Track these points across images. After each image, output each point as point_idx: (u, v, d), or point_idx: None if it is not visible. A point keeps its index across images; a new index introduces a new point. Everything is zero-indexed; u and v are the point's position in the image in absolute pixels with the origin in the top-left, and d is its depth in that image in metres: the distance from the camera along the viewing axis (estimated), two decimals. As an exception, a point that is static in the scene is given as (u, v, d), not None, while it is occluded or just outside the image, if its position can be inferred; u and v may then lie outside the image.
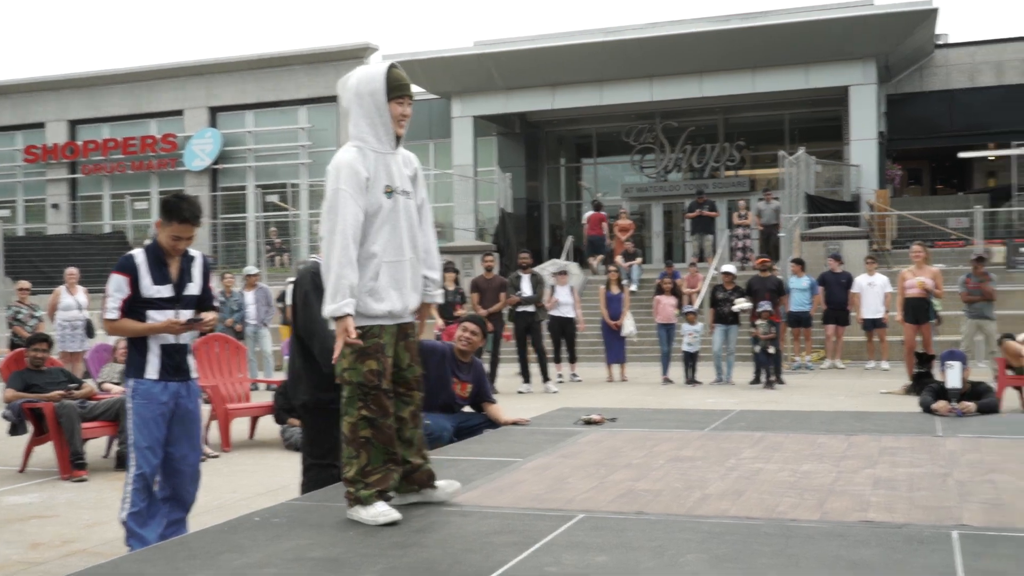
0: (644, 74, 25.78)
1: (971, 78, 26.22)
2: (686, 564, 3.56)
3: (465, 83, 27.12)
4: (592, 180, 30.53)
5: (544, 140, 30.76)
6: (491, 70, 26.39)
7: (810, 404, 11.21)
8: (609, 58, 25.47)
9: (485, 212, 28.20)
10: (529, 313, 14.07)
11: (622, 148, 29.25)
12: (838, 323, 16.32)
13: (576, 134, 30.85)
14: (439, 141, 29.19)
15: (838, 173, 25.32)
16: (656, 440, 6.48)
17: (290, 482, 6.60)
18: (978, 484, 4.88)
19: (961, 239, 21.15)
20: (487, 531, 4.09)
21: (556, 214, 31.10)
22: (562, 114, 28.62)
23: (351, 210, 4.16)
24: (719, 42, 24.54)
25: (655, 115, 28.45)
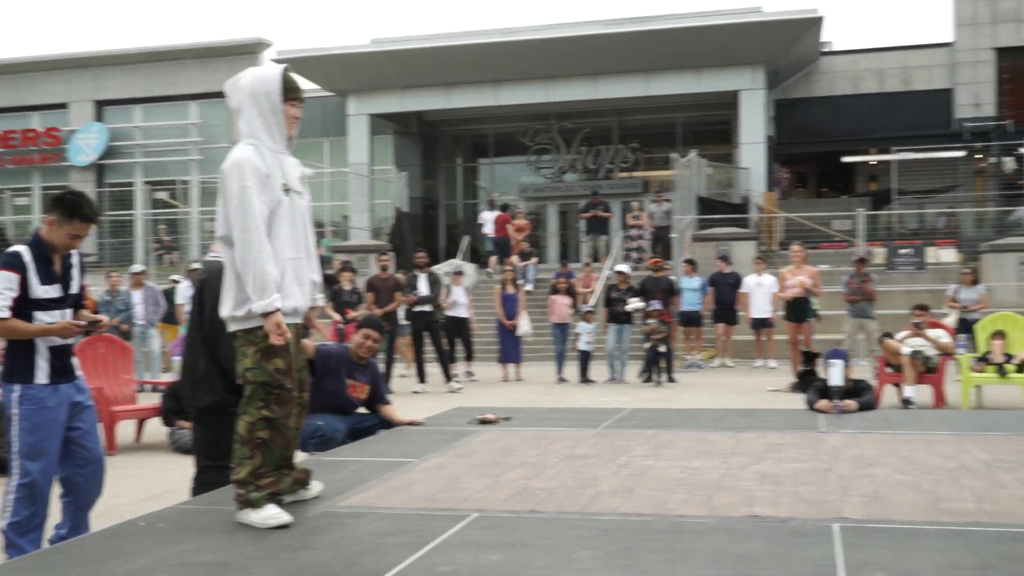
0: (540, 75, 25.96)
1: (854, 85, 27.13)
2: (578, 561, 3.60)
3: (361, 81, 26.90)
4: (489, 180, 30.60)
5: (441, 139, 30.71)
6: (387, 68, 26.23)
7: (700, 402, 11.42)
8: (505, 59, 25.58)
9: (381, 211, 28.02)
10: (426, 313, 14.02)
11: (519, 148, 29.40)
12: (727, 322, 16.68)
13: (473, 134, 30.89)
14: (334, 139, 28.91)
15: (728, 175, 25.88)
16: (550, 439, 6.53)
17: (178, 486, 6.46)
18: (858, 478, 5.04)
19: (844, 241, 21.83)
20: (380, 532, 4.06)
21: (452, 213, 31.08)
22: (459, 113, 28.62)
23: (259, 206, 4.13)
24: (613, 45, 24.86)
25: (551, 116, 28.68)
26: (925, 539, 3.80)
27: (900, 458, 5.60)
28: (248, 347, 4.18)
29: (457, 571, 3.50)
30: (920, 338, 10.83)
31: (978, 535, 3.86)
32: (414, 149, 29.85)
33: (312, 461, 5.68)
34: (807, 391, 8.32)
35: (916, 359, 10.52)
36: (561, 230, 29.40)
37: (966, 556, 3.56)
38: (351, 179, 26.97)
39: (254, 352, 4.16)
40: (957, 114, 26.20)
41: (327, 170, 28.55)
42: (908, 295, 17.31)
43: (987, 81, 26.13)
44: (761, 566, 3.49)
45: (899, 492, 4.69)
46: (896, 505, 4.43)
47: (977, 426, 6.95)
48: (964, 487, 4.77)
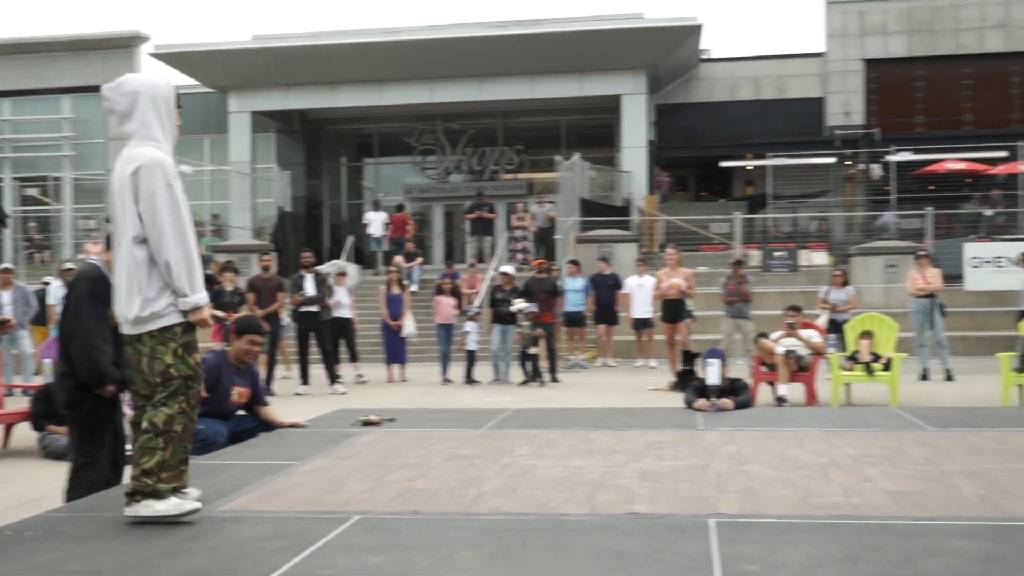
0: (425, 76, 25.90)
1: (731, 92, 27.84)
2: (460, 561, 3.60)
3: (243, 78, 26.38)
4: (373, 180, 30.38)
5: (325, 138, 30.36)
6: (270, 65, 25.79)
7: (583, 402, 11.54)
8: (390, 58, 25.44)
9: (263, 210, 27.54)
10: (312, 313, 13.80)
11: (403, 149, 29.26)
12: (607, 323, 16.89)
13: (357, 133, 30.62)
14: (215, 136, 28.27)
15: (611, 178, 26.27)
16: (434, 440, 6.52)
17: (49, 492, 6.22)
18: (734, 474, 5.18)
19: (722, 243, 22.37)
20: (260, 536, 4.00)
21: (337, 214, 30.75)
22: (343, 112, 28.34)
23: (185, 204, 4.29)
24: (498, 48, 24.98)
25: (436, 117, 28.63)
26: (796, 532, 3.93)
27: (774, 454, 5.77)
28: (165, 345, 4.23)
29: (338, 574, 3.47)
30: (793, 338, 11.13)
31: (845, 527, 4.00)
32: (297, 148, 29.42)
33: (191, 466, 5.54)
34: (686, 390, 8.49)
35: (789, 358, 10.82)
36: (446, 231, 29.38)
37: (834, 548, 3.69)
38: (232, 177, 26.42)
39: (174, 348, 4.24)
40: (828, 122, 27.14)
41: (208, 168, 27.90)
42: (782, 296, 17.82)
43: (856, 91, 27.15)
44: (640, 563, 3.56)
45: (772, 487, 4.83)
46: (769, 500, 4.56)
47: (846, 423, 7.21)
48: (833, 482, 4.94)
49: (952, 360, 14.01)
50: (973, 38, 26.80)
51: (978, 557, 3.54)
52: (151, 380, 4.26)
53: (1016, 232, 21.84)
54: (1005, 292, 18.01)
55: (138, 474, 4.20)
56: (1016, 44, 26.63)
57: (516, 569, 3.51)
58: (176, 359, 4.22)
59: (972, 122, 26.96)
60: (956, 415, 7.71)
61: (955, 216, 23.10)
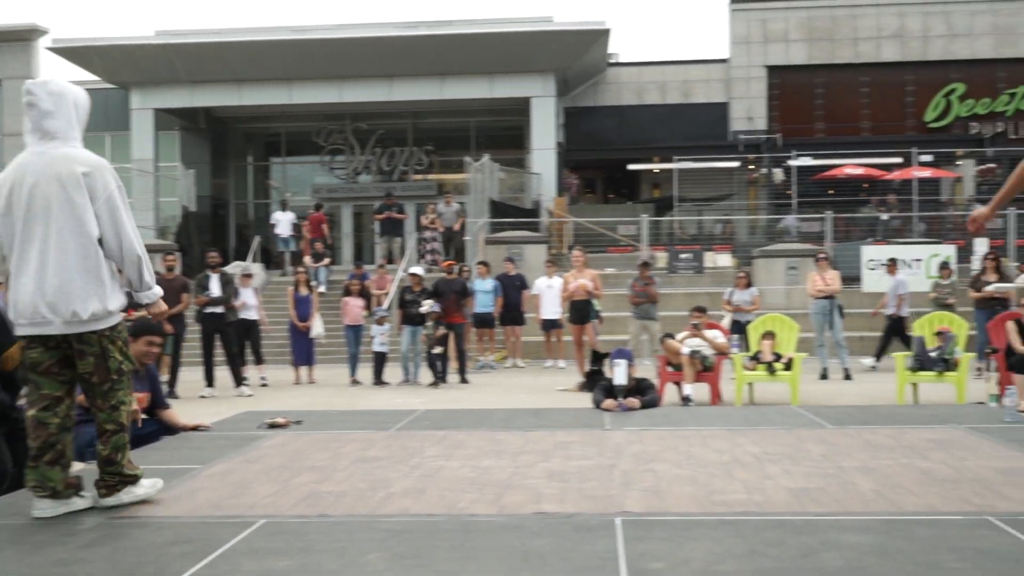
0: (333, 75, 25.67)
1: (639, 96, 28.22)
2: (367, 564, 3.58)
3: (145, 74, 25.79)
4: (281, 180, 29.98)
5: (231, 137, 29.85)
6: (174, 62, 25.26)
7: (492, 402, 11.56)
8: (298, 57, 25.15)
9: (167, 210, 26.96)
10: (218, 315, 13.55)
11: (312, 148, 28.96)
12: (514, 323, 16.95)
13: (265, 132, 30.19)
14: (116, 134, 27.57)
15: (520, 180, 26.38)
16: (342, 442, 6.46)
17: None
18: (640, 473, 5.24)
19: (630, 245, 22.64)
20: (162, 542, 3.91)
21: (243, 213, 30.27)
22: (250, 111, 27.92)
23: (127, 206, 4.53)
24: (407, 48, 24.88)
25: (345, 116, 28.40)
26: (700, 529, 4.00)
27: (679, 453, 5.85)
28: (114, 343, 4.41)
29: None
30: (698, 338, 11.32)
31: (747, 524, 4.08)
32: (202, 146, 28.88)
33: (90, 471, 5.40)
34: (593, 390, 8.56)
35: (694, 358, 11.00)
36: (355, 231, 29.16)
37: (736, 544, 3.77)
38: (135, 176, 25.78)
39: (121, 345, 4.45)
40: (733, 127, 27.71)
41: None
42: (688, 297, 18.10)
43: (759, 97, 27.76)
44: (547, 562, 3.58)
45: (677, 485, 4.90)
46: (674, 498, 4.63)
47: (748, 421, 7.35)
48: (736, 479, 5.04)
49: (850, 360, 14.41)
50: (870, 47, 27.63)
51: (872, 550, 3.65)
52: (98, 378, 4.36)
53: (910, 236, 22.56)
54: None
55: (117, 470, 4.43)
56: (910, 54, 27.55)
57: (424, 570, 3.50)
58: (123, 356, 4.45)
59: (869, 129, 27.81)
60: (854, 413, 7.92)
61: (853, 220, 23.76)
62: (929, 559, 3.53)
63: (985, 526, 3.97)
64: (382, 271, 19.45)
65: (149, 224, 25.48)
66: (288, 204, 24.91)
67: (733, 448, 5.99)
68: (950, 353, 11.09)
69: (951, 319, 12.46)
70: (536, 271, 17.95)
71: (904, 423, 7.02)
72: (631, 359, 8.35)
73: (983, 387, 11.71)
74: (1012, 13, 27.36)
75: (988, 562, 3.49)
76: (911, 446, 5.93)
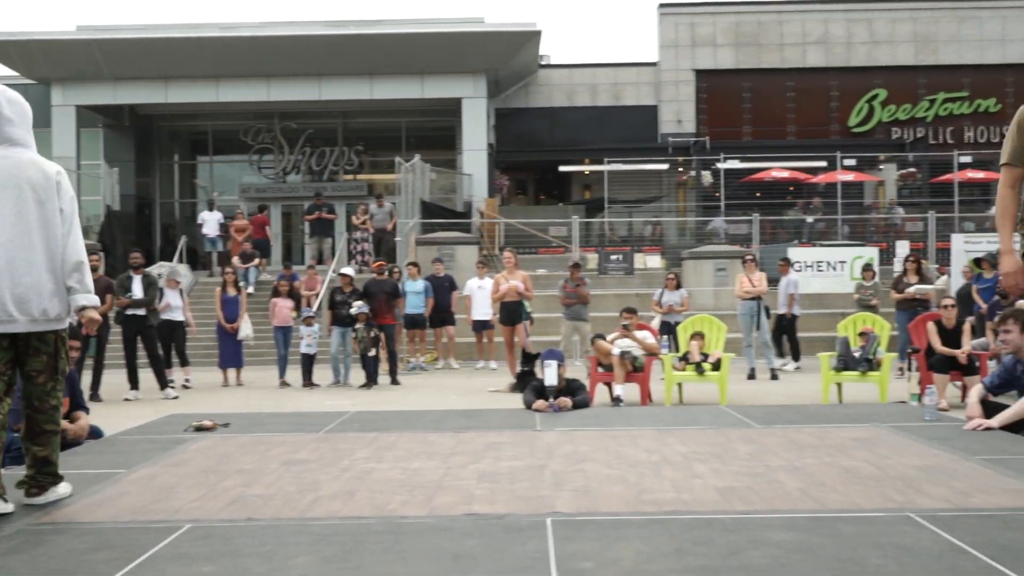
0: (261, 73, 25.38)
1: (569, 98, 28.37)
2: (295, 567, 3.54)
3: (67, 69, 25.21)
4: (208, 179, 29.54)
5: (156, 135, 29.31)
6: (97, 57, 24.73)
7: (423, 404, 11.52)
8: (225, 54, 24.81)
9: (89, 209, 26.35)
10: (140, 316, 13.27)
11: (240, 147, 28.60)
12: (444, 324, 16.89)
13: (191, 130, 29.72)
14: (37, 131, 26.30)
15: (451, 181, 26.34)
16: (270, 444, 6.39)
17: None
18: (571, 473, 5.26)
19: (560, 246, 22.74)
20: (84, 548, 3.83)
21: (169, 212, 29.76)
22: (176, 108, 27.44)
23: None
24: (336, 47, 24.70)
25: (274, 115, 28.10)
26: (629, 528, 4.03)
27: (609, 453, 5.89)
28: (64, 344, 4.60)
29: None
30: (628, 339, 11.40)
31: (676, 523, 4.13)
32: (127, 144, 28.30)
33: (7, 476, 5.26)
34: (524, 391, 8.58)
35: (625, 359, 11.07)
36: (284, 232, 28.84)
37: (664, 543, 3.80)
38: (56, 174, 25.18)
39: (63, 349, 4.59)
40: (662, 129, 28.01)
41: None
42: (618, 298, 18.22)
43: (688, 100, 28.10)
44: (478, 563, 3.58)
45: (607, 485, 4.93)
46: (604, 498, 4.66)
47: (678, 421, 7.43)
48: (664, 478, 5.09)
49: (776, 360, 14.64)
50: (796, 53, 28.14)
51: (797, 548, 3.71)
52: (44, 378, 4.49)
53: (835, 238, 23.01)
54: (826, 295, 18.97)
55: (53, 470, 4.57)
56: (834, 60, 28.13)
57: (353, 573, 3.48)
58: (66, 356, 4.63)
59: (795, 133, 28.32)
60: (780, 412, 8.04)
61: (779, 222, 24.17)
62: (852, 555, 3.60)
63: (906, 522, 4.06)
64: (312, 272, 19.27)
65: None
66: (215, 204, 24.56)
67: (662, 448, 6.05)
68: (873, 353, 11.32)
69: (874, 320, 12.73)
70: (467, 272, 17.92)
71: (828, 422, 7.16)
72: (562, 360, 8.39)
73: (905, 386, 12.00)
74: (931, 22, 28.10)
75: (909, 558, 3.57)
76: (835, 445, 6.04)
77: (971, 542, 3.74)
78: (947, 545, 3.72)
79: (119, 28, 25.43)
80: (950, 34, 28.09)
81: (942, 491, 4.64)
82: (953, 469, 5.17)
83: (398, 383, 14.17)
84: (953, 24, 28.11)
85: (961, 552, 3.63)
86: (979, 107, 28.18)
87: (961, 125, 28.20)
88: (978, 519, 4.09)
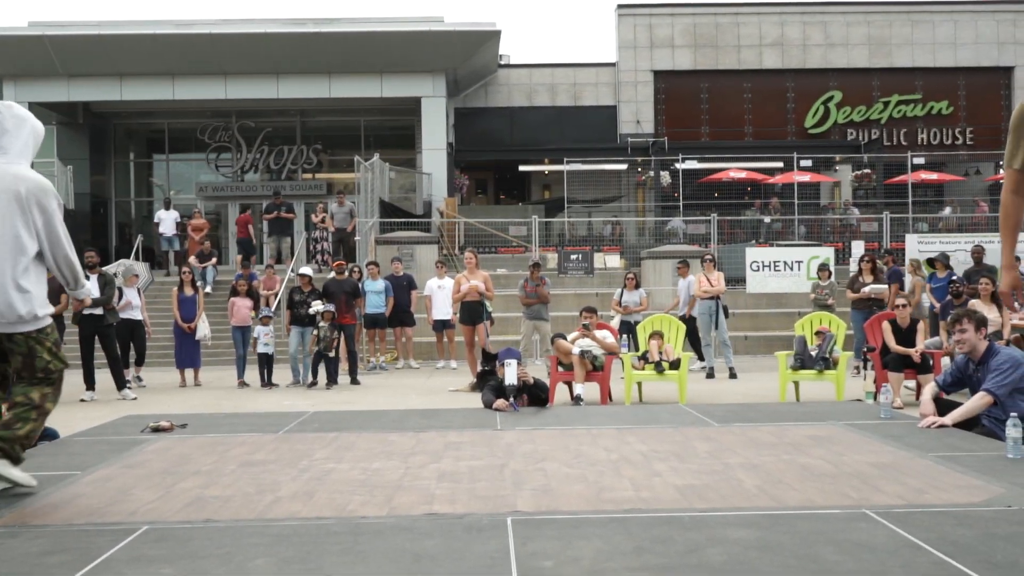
0: (218, 71, 25.16)
1: (529, 98, 28.40)
2: (254, 569, 3.52)
3: (19, 66, 24.82)
4: (164, 177, 29.22)
5: (112, 133, 28.95)
6: (50, 54, 24.38)
7: (383, 403, 11.49)
8: (181, 52, 24.56)
9: (43, 207, 25.98)
10: (97, 316, 13.07)
11: (197, 145, 28.34)
12: (403, 324, 16.83)
13: (147, 128, 29.40)
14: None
15: (411, 180, 26.27)
16: (228, 445, 6.34)
17: None
18: (531, 473, 5.27)
19: (521, 246, 22.76)
20: (37, 551, 3.77)
21: (125, 211, 29.41)
22: (131, 106, 27.14)
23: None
24: (294, 45, 24.55)
25: (231, 114, 27.88)
26: (589, 527, 4.04)
27: (569, 452, 5.90)
28: (43, 344, 4.79)
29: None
30: (588, 339, 11.44)
31: (635, 521, 4.15)
32: (81, 142, 27.92)
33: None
34: (484, 390, 8.57)
35: (585, 358, 11.10)
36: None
37: (624, 541, 3.82)
38: (8, 172, 24.82)
39: (51, 346, 4.83)
40: (621, 129, 28.11)
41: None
42: (578, 298, 18.29)
43: (646, 100, 28.23)
44: (438, 563, 3.57)
45: (567, 484, 4.94)
46: (564, 497, 4.67)
47: (637, 420, 7.46)
48: (624, 477, 5.11)
49: (735, 359, 14.76)
50: (752, 54, 28.38)
51: (755, 545, 3.74)
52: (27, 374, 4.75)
53: (791, 238, 23.23)
54: (783, 295, 19.13)
55: (8, 435, 4.63)
56: (790, 62, 28.40)
57: (313, 574, 3.46)
58: (52, 355, 4.81)
59: (752, 134, 28.57)
60: (738, 411, 8.10)
61: (737, 222, 24.34)
62: (809, 552, 3.64)
63: (862, 519, 4.11)
64: (270, 271, 19.14)
65: (24, 222, 24.57)
66: (171, 203, 24.30)
67: (622, 447, 6.07)
68: (829, 352, 11.44)
69: (830, 319, 12.87)
70: (427, 271, 17.89)
71: (786, 420, 7.23)
72: (520, 359, 8.40)
73: (860, 385, 12.16)
74: (885, 25, 28.47)
75: (865, 553, 3.61)
76: (792, 443, 6.10)
77: (925, 538, 3.79)
78: (902, 541, 3.77)
79: (72, 24, 25.08)
80: (903, 37, 28.48)
81: (897, 488, 4.70)
82: (908, 466, 5.24)
83: (358, 383, 14.11)
84: (906, 27, 28.50)
85: (915, 548, 3.68)
86: (932, 109, 28.59)
87: (914, 127, 28.59)
88: (932, 515, 4.15)
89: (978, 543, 3.73)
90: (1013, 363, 6.35)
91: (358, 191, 21.51)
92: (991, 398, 6.31)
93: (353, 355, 14.55)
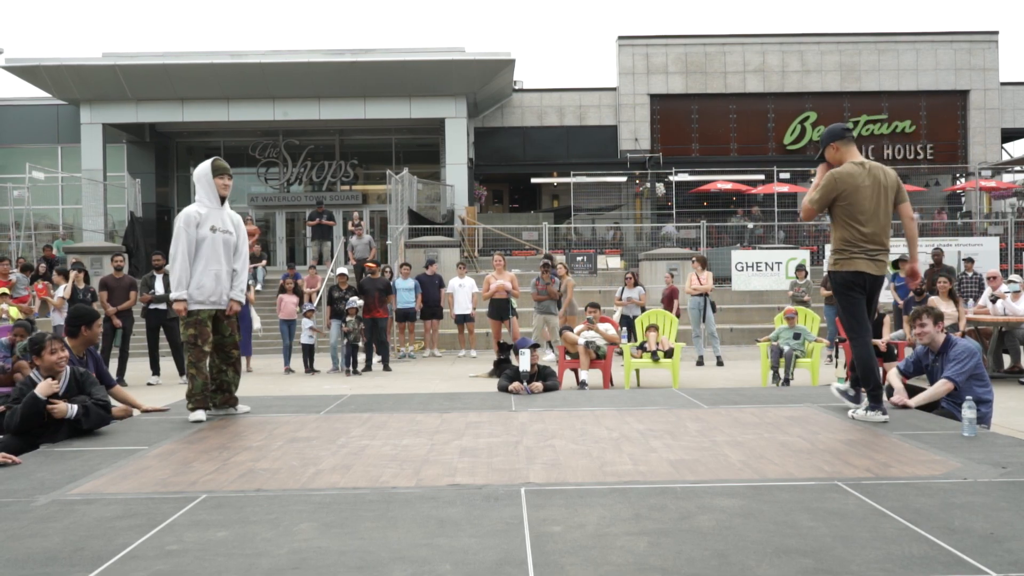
0: (268, 95, 25.23)
1: (540, 118, 28.34)
2: (298, 533, 3.53)
3: (94, 91, 24.96)
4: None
5: (174, 149, 29.08)
6: (121, 81, 24.50)
7: (412, 388, 11.50)
8: (235, 78, 24.64)
9: (115, 215, 26.14)
10: (161, 311, 13.16)
11: (249, 160, 28.41)
12: (433, 318, 16.87)
13: (205, 145, 29.46)
14: (67, 146, 26.69)
15: (436, 191, 26.28)
16: (276, 424, 6.35)
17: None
18: (542, 449, 5.26)
19: (532, 249, 22.73)
20: (110, 516, 3.79)
21: (185, 219, 29.46)
22: (191, 126, 27.25)
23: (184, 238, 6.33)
24: (334, 72, 24.59)
25: (278, 132, 27.94)
26: (593, 497, 4.03)
27: (575, 431, 5.88)
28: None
29: (186, 548, 3.33)
30: (592, 331, 11.43)
31: (634, 491, 4.13)
32: (147, 158, 28.06)
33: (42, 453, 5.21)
34: (501, 376, 8.56)
35: (589, 348, 11.10)
36: (288, 236, 28.69)
37: (624, 509, 3.81)
38: (84, 184, 24.96)
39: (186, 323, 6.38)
40: (621, 146, 28.01)
41: (60, 175, 26.29)
42: (583, 295, 18.26)
43: (644, 120, 28.13)
44: (460, 528, 3.57)
45: (574, 459, 4.93)
46: (571, 470, 4.65)
47: (635, 402, 7.43)
48: (624, 453, 5.09)
49: (722, 348, 14.71)
50: (737, 80, 28.25)
51: (739, 512, 3.73)
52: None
53: (772, 242, 23.12)
54: (764, 292, 19.05)
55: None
56: (771, 86, 28.25)
57: (350, 537, 3.46)
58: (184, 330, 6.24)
59: (737, 149, 28.43)
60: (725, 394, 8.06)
61: (724, 228, 24.25)
62: (787, 519, 3.62)
63: (834, 490, 4.09)
64: (313, 271, 19.14)
65: (99, 228, 24.70)
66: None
67: (622, 426, 6.05)
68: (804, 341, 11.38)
69: (806, 313, 12.81)
70: (450, 272, 17.89)
71: (767, 403, 7.19)
72: (535, 348, 8.38)
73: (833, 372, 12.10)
74: (855, 53, 28.31)
75: (837, 520, 3.59)
76: (772, 422, 6.07)
77: (890, 507, 3.77)
78: (870, 509, 3.75)
79: (140, 55, 25.17)
80: (871, 64, 28.30)
81: (865, 462, 4.68)
82: (875, 443, 5.21)
83: (389, 369, 14.12)
84: (874, 55, 28.32)
85: (882, 515, 3.66)
86: (896, 128, 28.41)
87: (881, 144, 28.41)
88: (896, 487, 4.13)
89: (938, 511, 3.70)
90: (969, 353, 6.31)
91: (389, 201, 21.54)
92: (952, 385, 6.26)
93: (385, 345, 14.56)
